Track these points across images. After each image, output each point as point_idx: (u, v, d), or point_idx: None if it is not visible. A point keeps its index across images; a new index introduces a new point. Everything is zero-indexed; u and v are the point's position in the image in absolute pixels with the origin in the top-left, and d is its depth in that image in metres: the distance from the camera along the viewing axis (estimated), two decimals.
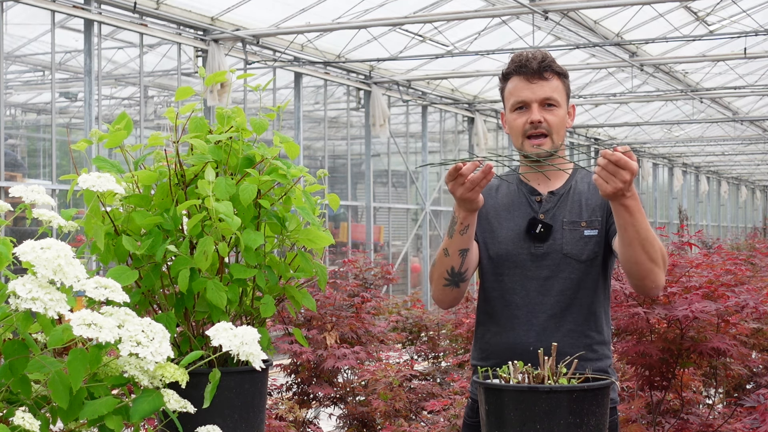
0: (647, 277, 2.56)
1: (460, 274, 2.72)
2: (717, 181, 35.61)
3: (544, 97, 2.71)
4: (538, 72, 2.71)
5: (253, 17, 12.83)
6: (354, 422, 5.70)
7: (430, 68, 16.45)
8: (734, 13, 14.18)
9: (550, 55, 2.77)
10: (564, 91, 2.76)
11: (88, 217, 2.05)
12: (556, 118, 2.71)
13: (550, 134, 2.70)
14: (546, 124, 2.70)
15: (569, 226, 2.72)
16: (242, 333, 1.79)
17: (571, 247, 2.71)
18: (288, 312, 5.17)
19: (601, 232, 2.72)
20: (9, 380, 1.68)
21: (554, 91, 2.72)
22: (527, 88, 2.72)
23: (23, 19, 11.54)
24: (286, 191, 2.20)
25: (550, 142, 2.71)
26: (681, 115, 22.61)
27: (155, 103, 14.72)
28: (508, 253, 2.75)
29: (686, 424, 4.31)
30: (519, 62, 2.74)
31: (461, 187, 2.51)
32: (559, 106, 2.72)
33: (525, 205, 2.78)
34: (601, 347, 2.73)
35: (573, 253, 2.70)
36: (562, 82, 2.76)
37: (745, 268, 5.91)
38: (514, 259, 2.74)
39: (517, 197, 2.80)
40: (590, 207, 2.74)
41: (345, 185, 16.08)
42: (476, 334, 2.86)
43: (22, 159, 13.61)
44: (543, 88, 2.71)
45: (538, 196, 2.78)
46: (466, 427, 2.86)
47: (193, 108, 2.18)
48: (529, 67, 2.72)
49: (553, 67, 2.73)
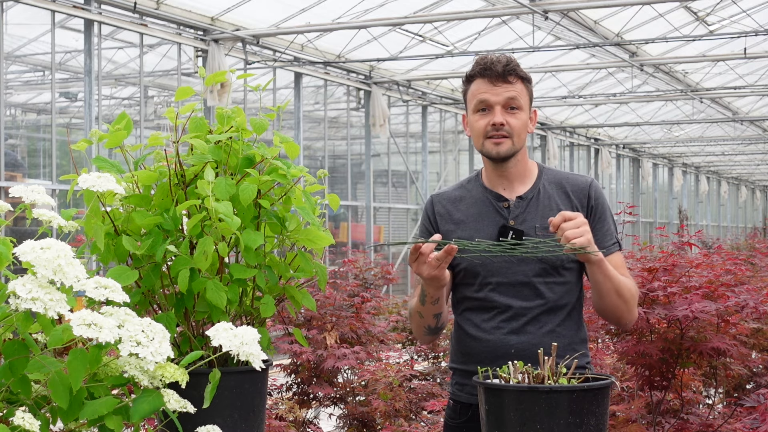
0: (623, 318, 2.71)
1: (438, 329, 2.79)
2: (717, 181, 35.61)
3: (508, 97, 2.70)
4: (502, 75, 2.70)
5: (253, 17, 12.83)
6: (354, 422, 5.70)
7: (430, 68, 16.45)
8: (734, 13, 14.19)
9: (515, 59, 2.77)
10: (527, 95, 2.75)
11: (88, 217, 2.05)
12: (518, 122, 2.70)
13: (511, 136, 2.70)
14: (508, 127, 2.70)
15: (542, 231, 2.70)
16: (242, 333, 1.79)
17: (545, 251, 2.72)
18: (288, 312, 5.17)
19: None
20: (9, 380, 1.68)
21: (518, 94, 2.71)
22: (490, 91, 2.71)
23: (23, 19, 11.54)
24: (286, 191, 2.20)
25: (511, 143, 2.71)
26: (681, 115, 22.61)
27: (155, 103, 14.72)
28: (484, 261, 2.75)
29: (686, 424, 4.31)
30: (483, 65, 2.73)
31: (425, 266, 2.51)
32: (522, 110, 2.72)
33: (493, 212, 2.77)
34: (580, 345, 2.76)
35: (547, 257, 2.70)
36: (526, 87, 2.74)
37: (745, 268, 5.91)
38: (490, 266, 2.74)
39: (483, 206, 2.79)
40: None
41: (345, 185, 16.08)
42: (454, 337, 2.86)
43: (22, 159, 13.62)
44: (506, 92, 2.70)
45: (505, 202, 2.76)
46: (447, 428, 2.86)
47: (193, 108, 2.18)
48: (493, 69, 2.70)
49: (517, 71, 2.72)
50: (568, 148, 23.78)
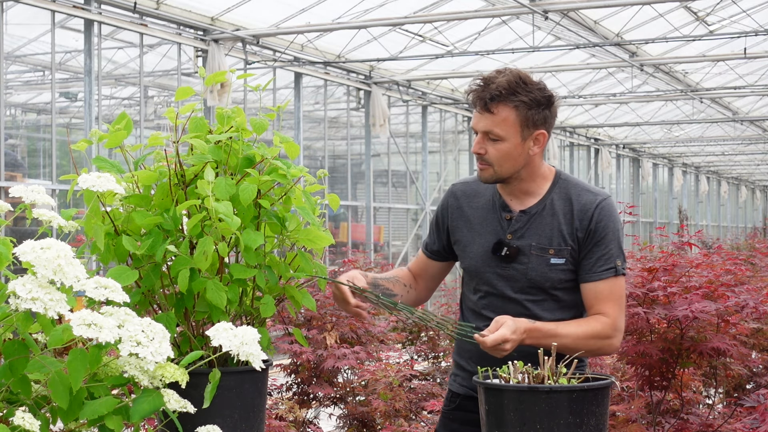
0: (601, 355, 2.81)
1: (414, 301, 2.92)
2: (717, 181, 35.61)
3: (484, 131, 2.66)
4: (484, 105, 2.65)
5: (253, 17, 12.83)
6: (354, 422, 5.70)
7: (430, 68, 16.45)
8: (734, 13, 14.18)
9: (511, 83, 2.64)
10: (515, 122, 2.63)
11: (88, 217, 2.05)
12: (497, 153, 2.66)
13: (492, 165, 2.68)
14: (487, 156, 2.68)
15: (537, 251, 2.70)
16: (242, 333, 1.79)
17: (536, 273, 2.70)
18: (288, 312, 5.17)
19: (569, 262, 2.70)
20: (9, 380, 1.68)
21: (497, 125, 2.63)
22: (476, 117, 2.69)
23: (23, 19, 11.53)
24: (286, 191, 2.20)
25: (492, 171, 2.69)
26: (681, 115, 22.61)
27: (155, 103, 14.72)
28: (477, 269, 2.78)
29: (686, 424, 4.31)
30: (472, 89, 2.69)
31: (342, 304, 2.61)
32: (503, 140, 2.65)
33: (495, 221, 2.77)
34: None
35: (537, 279, 2.70)
36: (517, 113, 2.63)
37: (745, 268, 5.91)
38: (482, 275, 2.78)
39: (491, 211, 2.79)
40: (561, 234, 2.70)
41: (345, 185, 16.08)
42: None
43: (22, 159, 13.61)
44: (484, 121, 2.65)
45: (509, 214, 2.75)
46: (441, 416, 2.94)
47: (193, 108, 2.18)
48: (478, 98, 2.66)
49: (502, 100, 2.62)
50: (568, 148, 23.79)
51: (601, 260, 2.67)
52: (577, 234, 2.68)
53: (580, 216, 2.69)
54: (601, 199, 2.72)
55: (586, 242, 2.68)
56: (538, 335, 2.53)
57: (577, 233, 2.68)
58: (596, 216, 2.68)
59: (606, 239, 2.68)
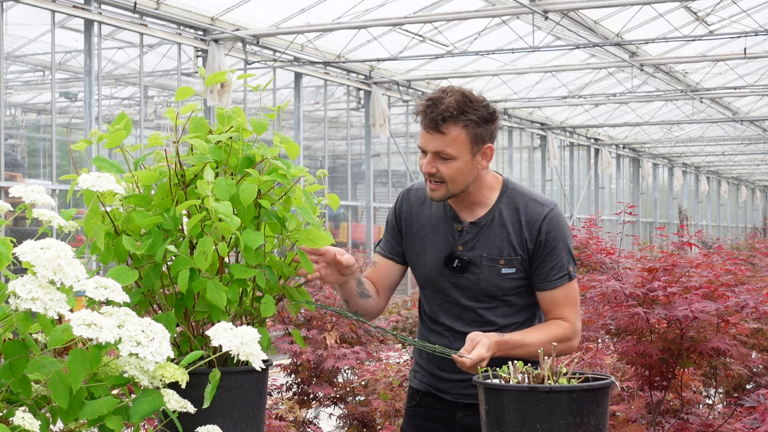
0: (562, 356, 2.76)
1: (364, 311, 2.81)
2: (717, 181, 35.61)
3: (435, 151, 2.66)
4: (433, 125, 2.64)
5: (253, 17, 12.83)
6: (354, 422, 5.70)
7: (430, 68, 16.45)
8: (734, 13, 14.18)
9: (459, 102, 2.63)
10: (466, 140, 2.64)
11: (88, 217, 2.05)
12: (449, 171, 2.66)
13: (445, 182, 2.69)
14: (439, 174, 2.67)
15: (488, 262, 2.74)
16: (242, 333, 1.79)
17: (488, 283, 2.74)
18: (288, 312, 5.17)
19: (519, 271, 2.74)
20: (9, 380, 1.68)
21: (448, 145, 2.63)
22: (424, 137, 2.68)
23: (23, 19, 11.54)
24: (286, 191, 2.20)
25: (446, 189, 2.69)
26: (681, 115, 22.61)
27: (155, 103, 14.73)
28: (431, 278, 2.81)
29: (686, 424, 4.31)
30: (420, 109, 2.68)
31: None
32: (455, 159, 2.65)
33: (447, 232, 2.79)
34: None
35: (489, 288, 2.75)
36: (467, 131, 2.63)
37: (745, 268, 5.91)
38: (436, 284, 2.81)
39: (442, 221, 2.81)
40: (511, 244, 2.73)
41: (345, 185, 16.08)
42: (418, 332, 2.96)
43: (22, 159, 13.62)
44: (435, 141, 2.64)
45: (459, 225, 2.78)
46: (405, 413, 2.97)
47: (193, 108, 2.18)
48: (426, 117, 2.65)
49: (452, 120, 2.62)
50: (568, 148, 23.79)
51: (555, 269, 2.73)
52: (526, 245, 2.73)
53: (529, 227, 2.74)
54: (548, 210, 2.76)
55: (537, 253, 2.73)
56: (507, 347, 2.59)
57: (526, 244, 2.73)
58: (545, 227, 2.73)
59: (557, 249, 2.73)
